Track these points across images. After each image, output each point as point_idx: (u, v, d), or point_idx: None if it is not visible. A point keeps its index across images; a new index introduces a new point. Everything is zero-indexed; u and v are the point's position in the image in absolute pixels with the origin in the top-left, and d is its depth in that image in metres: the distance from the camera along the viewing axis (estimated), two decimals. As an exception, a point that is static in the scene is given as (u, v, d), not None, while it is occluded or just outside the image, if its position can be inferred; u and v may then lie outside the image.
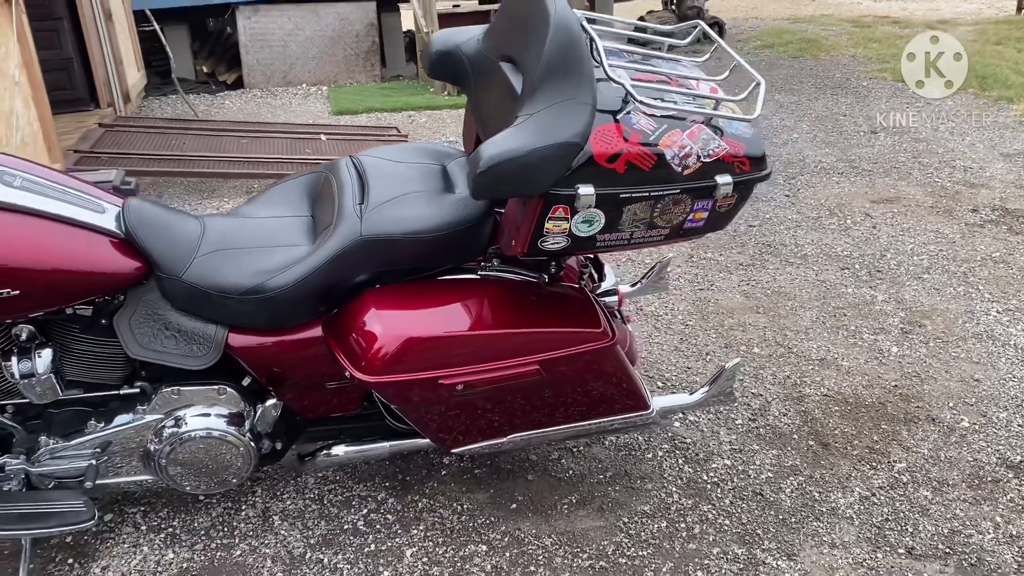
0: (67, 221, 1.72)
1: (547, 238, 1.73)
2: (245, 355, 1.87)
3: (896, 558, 2.03)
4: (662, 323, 3.12)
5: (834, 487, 2.27)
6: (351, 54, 7.32)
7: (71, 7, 5.22)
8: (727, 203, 1.83)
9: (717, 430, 2.49)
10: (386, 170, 2.02)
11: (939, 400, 2.65)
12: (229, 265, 1.82)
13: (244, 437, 1.92)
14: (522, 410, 1.97)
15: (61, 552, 2.02)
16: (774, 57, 8.17)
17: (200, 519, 2.13)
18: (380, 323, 1.81)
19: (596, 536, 2.08)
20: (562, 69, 1.67)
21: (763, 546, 2.06)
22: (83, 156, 4.38)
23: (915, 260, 3.67)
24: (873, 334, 3.05)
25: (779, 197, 4.47)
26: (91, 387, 1.90)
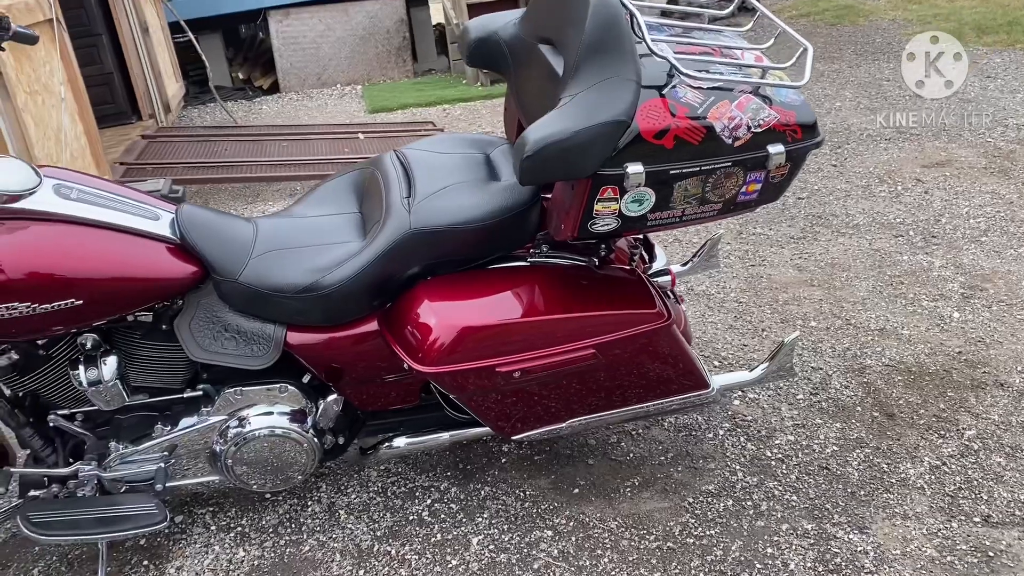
0: (124, 230, 1.75)
1: (597, 220, 1.71)
2: (304, 352, 1.89)
3: (972, 527, 1.98)
4: (715, 301, 3.08)
5: (903, 458, 2.22)
6: (383, 51, 7.35)
7: (109, 23, 5.32)
8: (780, 173, 1.79)
9: (778, 406, 2.45)
10: (430, 162, 2.02)
11: (1006, 364, 2.57)
12: (284, 265, 1.84)
13: (307, 433, 1.94)
14: (580, 395, 1.96)
15: (136, 554, 2.07)
16: (811, 25, 7.99)
17: (268, 517, 2.16)
18: (434, 314, 1.81)
19: (661, 517, 2.07)
20: (603, 47, 1.65)
21: (833, 520, 2.03)
22: (129, 168, 4.46)
23: (971, 223, 3.57)
24: (932, 301, 2.98)
25: (827, 167, 4.38)
26: (156, 392, 1.93)
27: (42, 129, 3.36)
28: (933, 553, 1.91)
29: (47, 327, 1.70)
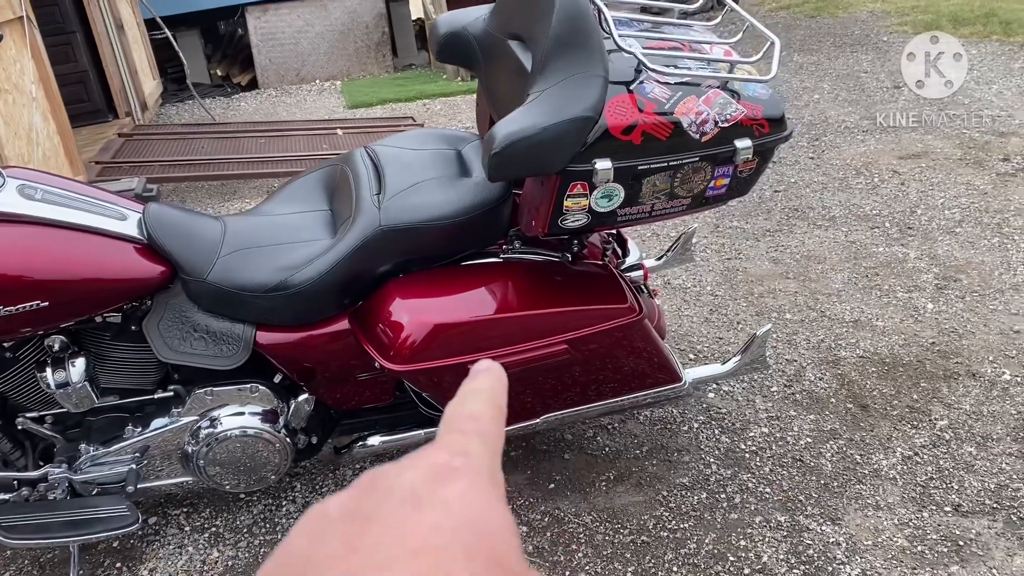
0: (89, 230, 1.74)
1: (567, 216, 1.71)
2: (274, 352, 1.88)
3: (942, 516, 2.00)
4: (691, 295, 3.09)
5: (875, 449, 2.23)
6: (362, 47, 7.31)
7: (83, 20, 5.26)
8: (748, 167, 1.79)
9: (753, 399, 2.47)
10: (401, 158, 2.01)
11: (979, 354, 2.60)
12: (252, 263, 1.83)
13: (279, 433, 1.94)
14: (554, 390, 1.96)
15: (109, 557, 2.05)
16: (791, 18, 8.02)
17: (242, 517, 2.15)
18: (406, 312, 1.81)
19: (636, 511, 2.07)
20: (570, 42, 1.64)
21: (806, 512, 2.04)
22: (104, 167, 4.42)
23: (946, 214, 3.60)
24: (907, 292, 3.00)
25: (804, 160, 4.40)
26: (126, 393, 1.92)
27: (13, 128, 3.32)
28: (904, 543, 1.93)
29: (13, 329, 1.68)
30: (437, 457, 0.30)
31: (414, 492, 0.28)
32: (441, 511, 0.27)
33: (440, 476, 0.29)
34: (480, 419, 0.33)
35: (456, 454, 0.30)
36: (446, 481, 0.29)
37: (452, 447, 0.31)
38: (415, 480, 0.29)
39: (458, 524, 0.27)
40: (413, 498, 0.28)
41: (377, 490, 0.29)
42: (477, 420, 0.33)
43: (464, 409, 0.34)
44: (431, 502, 0.28)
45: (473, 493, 0.29)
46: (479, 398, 0.35)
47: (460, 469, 0.30)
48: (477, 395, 0.35)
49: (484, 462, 0.31)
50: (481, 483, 0.29)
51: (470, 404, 0.34)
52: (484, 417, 0.33)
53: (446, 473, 0.29)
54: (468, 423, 0.33)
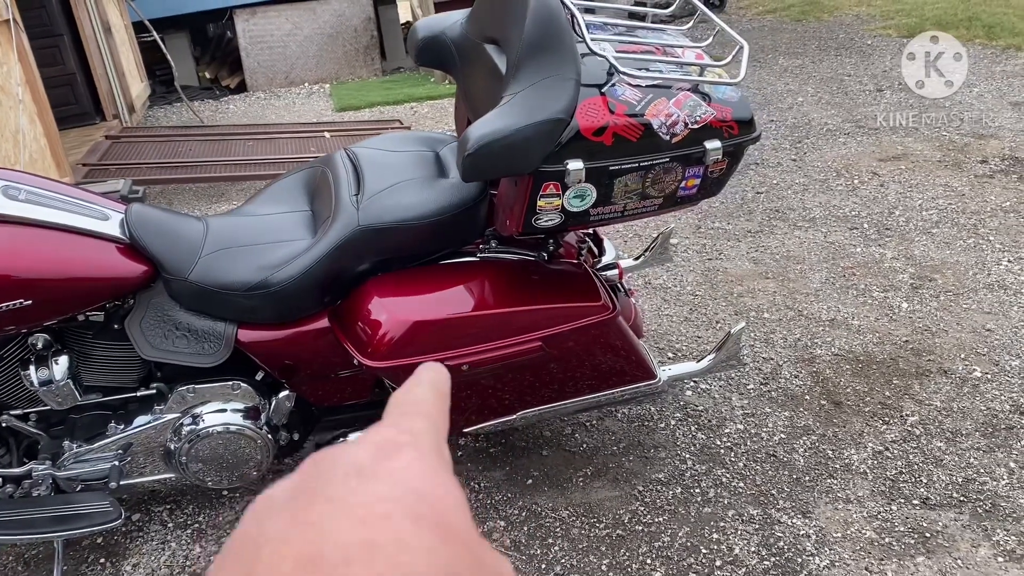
0: (72, 230, 1.77)
1: (540, 215, 1.75)
2: (255, 350, 1.91)
3: (910, 509, 2.04)
4: (671, 295, 3.13)
5: (847, 444, 2.28)
6: (350, 50, 7.34)
7: (70, 23, 5.28)
8: (719, 168, 1.84)
9: (729, 396, 2.51)
10: (380, 160, 2.05)
11: (951, 352, 2.65)
12: (233, 263, 1.86)
13: (261, 430, 1.97)
14: (530, 386, 1.99)
15: (93, 552, 2.08)
16: (776, 22, 8.09)
17: (225, 513, 2.18)
18: (384, 309, 1.84)
19: (612, 506, 2.11)
20: (543, 46, 1.69)
21: (778, 505, 2.08)
22: (91, 169, 4.44)
23: (924, 215, 3.65)
24: (883, 291, 3.05)
25: (786, 161, 4.45)
26: (109, 391, 1.95)
27: (-1, 131, 3.34)
28: (872, 535, 1.98)
29: (-4, 328, 1.71)
30: (382, 434, 0.31)
31: (359, 466, 0.28)
32: (387, 482, 0.28)
33: (386, 450, 0.29)
34: (424, 403, 0.34)
35: (402, 431, 0.31)
36: (392, 455, 0.29)
37: (397, 425, 0.32)
38: (360, 455, 0.29)
39: (404, 492, 0.27)
40: (358, 472, 0.28)
41: (321, 469, 0.29)
42: (421, 404, 0.34)
43: (409, 395, 0.35)
44: (376, 474, 0.28)
45: (419, 464, 0.29)
46: (423, 386, 0.36)
47: (405, 443, 0.30)
48: (421, 384, 0.36)
49: (429, 438, 0.31)
50: (427, 455, 0.30)
51: (414, 391, 0.35)
52: (428, 401, 0.34)
53: (392, 447, 0.30)
54: (412, 406, 0.34)
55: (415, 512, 0.26)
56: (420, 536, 0.26)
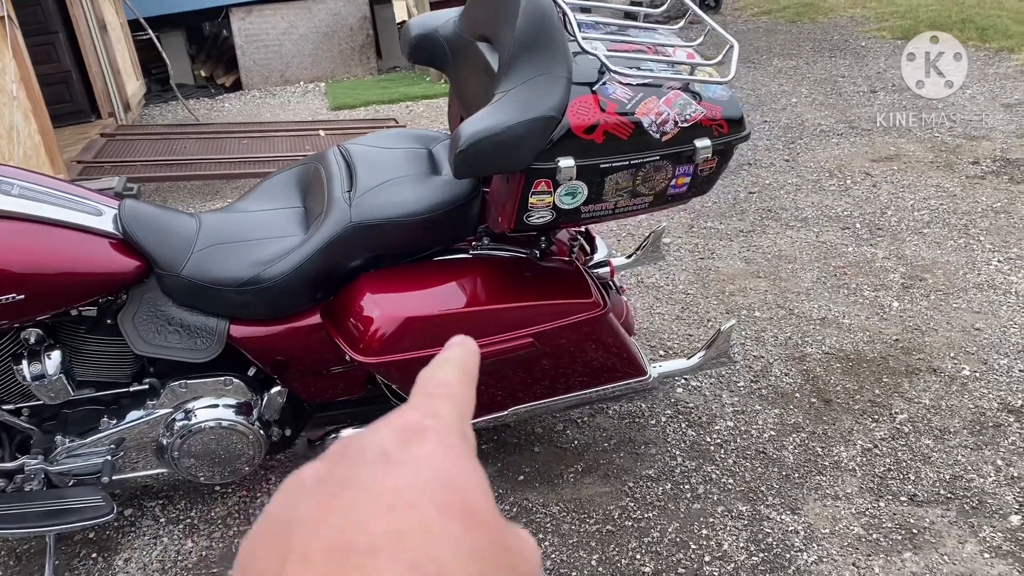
0: (65, 225, 1.77)
1: (532, 213, 1.76)
2: (247, 345, 1.92)
3: (898, 505, 2.06)
4: (663, 293, 3.15)
5: (836, 441, 2.29)
6: (346, 49, 7.35)
7: (66, 20, 5.28)
8: (708, 167, 1.85)
9: (720, 393, 2.53)
10: (373, 157, 2.06)
11: (940, 351, 2.67)
12: (226, 258, 1.87)
13: (253, 425, 1.98)
14: (522, 383, 2.01)
15: (85, 547, 2.09)
16: (771, 23, 8.11)
17: (217, 509, 2.19)
18: (375, 305, 1.85)
19: (602, 502, 2.13)
20: (535, 44, 1.70)
21: (767, 502, 2.10)
22: (86, 166, 4.44)
23: (916, 215, 3.67)
24: (874, 291, 3.07)
25: (779, 162, 4.47)
26: (101, 386, 1.96)
27: (-6, 127, 3.35)
28: (860, 531, 1.99)
29: (-11, 322, 1.72)
30: (407, 418, 0.31)
31: (385, 452, 0.29)
32: (412, 469, 0.28)
33: (410, 435, 0.30)
34: (450, 384, 0.34)
35: (426, 415, 0.31)
36: (416, 440, 0.29)
37: (422, 408, 0.32)
38: (385, 441, 0.29)
39: (429, 480, 0.28)
40: (384, 458, 0.28)
41: (349, 454, 0.29)
42: (447, 385, 0.34)
43: (435, 375, 0.35)
44: (401, 461, 0.28)
45: (443, 450, 0.29)
46: (450, 365, 0.36)
47: (430, 428, 0.30)
48: (448, 363, 0.36)
49: (453, 421, 0.32)
50: (450, 440, 0.30)
51: (441, 371, 0.35)
52: (454, 382, 0.34)
53: (416, 432, 0.30)
54: (438, 387, 0.34)
55: (440, 500, 0.27)
56: (445, 524, 0.26)
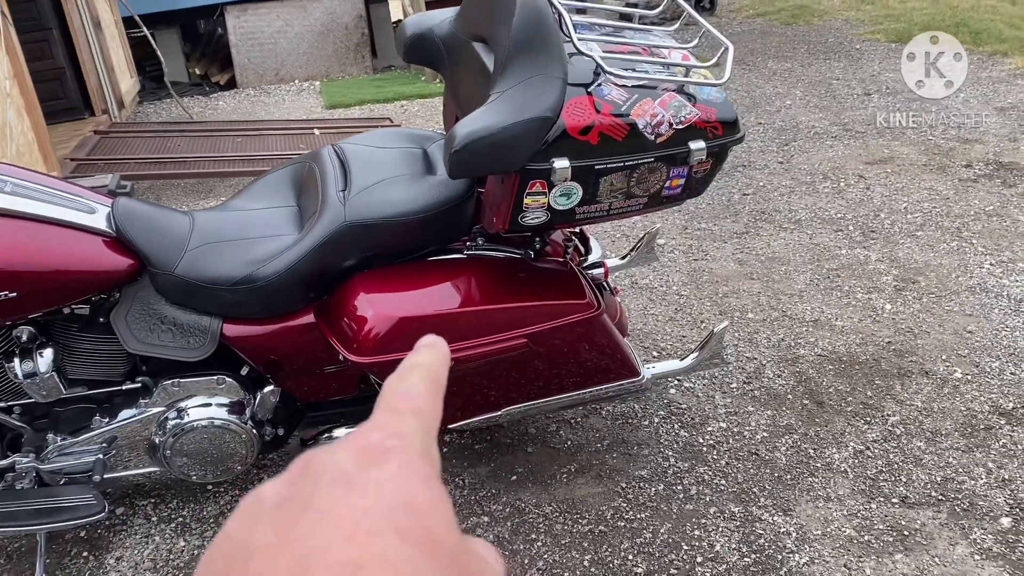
0: (58, 223, 1.77)
1: (527, 213, 1.76)
2: (240, 344, 1.92)
3: (890, 507, 2.07)
4: (657, 295, 3.15)
5: (829, 443, 2.30)
6: (341, 47, 7.34)
7: (60, 17, 5.26)
8: (703, 168, 1.85)
9: (712, 395, 2.53)
10: (367, 156, 2.05)
11: (932, 353, 2.68)
12: (219, 257, 1.87)
13: (246, 425, 1.97)
14: (516, 383, 2.01)
15: (76, 546, 2.08)
16: (767, 25, 8.12)
17: (209, 508, 2.19)
18: (370, 305, 1.85)
19: (595, 502, 2.13)
20: (530, 45, 1.70)
21: (759, 503, 2.10)
22: (80, 164, 4.43)
23: (909, 218, 3.69)
24: (867, 293, 3.08)
25: (773, 164, 4.48)
26: (94, 384, 1.95)
27: (-14, 124, 3.33)
28: (852, 533, 2.00)
29: (-20, 320, 1.71)
30: (370, 438, 0.30)
31: (346, 474, 0.28)
32: (372, 493, 0.27)
33: (372, 457, 0.29)
34: (416, 397, 0.33)
35: (389, 435, 0.30)
36: (378, 462, 0.29)
37: (386, 427, 0.31)
38: (347, 462, 0.29)
39: (390, 506, 0.27)
40: (345, 481, 0.28)
41: (310, 473, 0.29)
42: (413, 398, 0.33)
43: (401, 386, 0.34)
44: (362, 484, 0.28)
45: (405, 473, 0.29)
46: (418, 374, 0.34)
47: (392, 449, 0.30)
48: (416, 371, 0.35)
49: (417, 441, 0.31)
50: (413, 462, 0.29)
51: (407, 381, 0.34)
52: (420, 395, 0.33)
53: (378, 454, 0.29)
54: (404, 401, 0.33)
55: (401, 527, 0.26)
56: (406, 552, 0.26)
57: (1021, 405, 2.40)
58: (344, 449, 0.30)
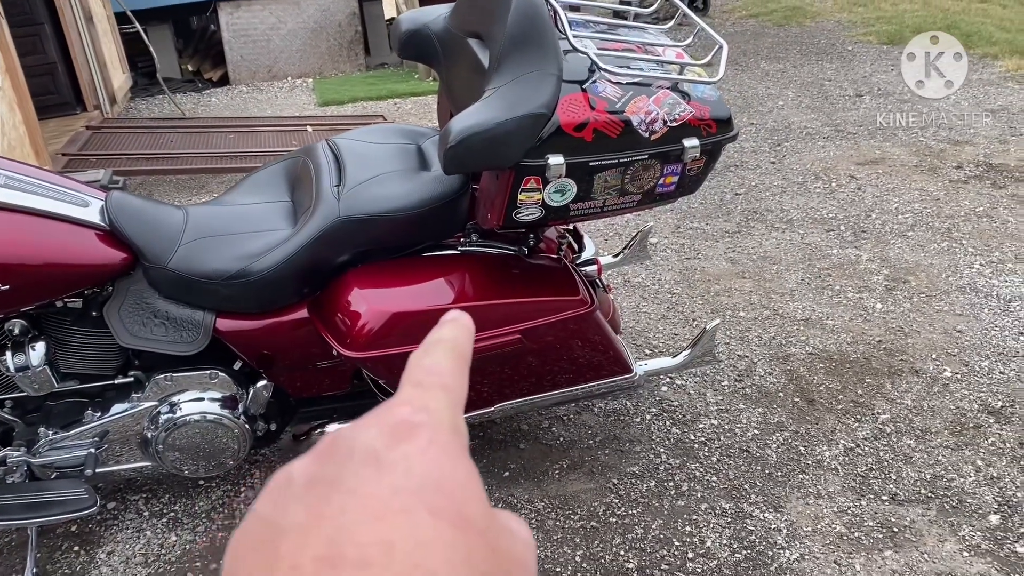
0: (52, 216, 1.76)
1: (521, 209, 1.77)
2: (233, 339, 1.91)
3: (880, 504, 2.08)
4: (649, 293, 3.16)
5: (819, 440, 2.32)
6: (334, 45, 7.33)
7: (52, 12, 5.23)
8: (696, 166, 1.86)
9: (704, 392, 2.54)
10: (362, 151, 2.06)
11: (922, 352, 2.69)
12: (213, 252, 1.87)
13: (238, 419, 1.97)
14: (509, 379, 2.01)
15: (67, 540, 2.08)
16: (759, 26, 8.15)
17: (201, 503, 2.19)
18: (363, 300, 1.86)
19: (587, 498, 2.14)
20: (525, 41, 1.70)
21: (750, 500, 2.12)
22: (71, 159, 4.41)
23: (900, 219, 3.71)
24: (858, 292, 3.10)
25: (765, 164, 4.50)
26: (86, 378, 1.95)
27: (-22, 118, 3.32)
28: (842, 529, 2.01)
29: (-27, 312, 1.70)
30: (397, 414, 0.30)
31: (374, 452, 0.28)
32: (402, 470, 0.27)
33: (400, 433, 0.29)
34: (442, 372, 0.33)
35: (417, 410, 0.30)
36: (406, 438, 0.28)
37: (412, 402, 0.30)
38: (375, 440, 0.28)
39: (420, 483, 0.27)
40: (374, 459, 0.28)
41: (338, 453, 0.29)
42: (439, 373, 0.32)
43: (426, 361, 0.33)
44: (392, 462, 0.27)
45: (434, 449, 0.28)
46: (442, 349, 0.34)
47: (420, 425, 0.29)
48: (440, 346, 0.34)
49: (445, 416, 0.30)
50: (442, 438, 0.29)
51: (432, 356, 0.33)
52: (446, 370, 0.33)
53: (406, 430, 0.29)
54: (429, 376, 0.32)
55: (432, 504, 0.26)
56: (437, 530, 0.26)
57: (1010, 404, 2.42)
58: (372, 426, 0.29)
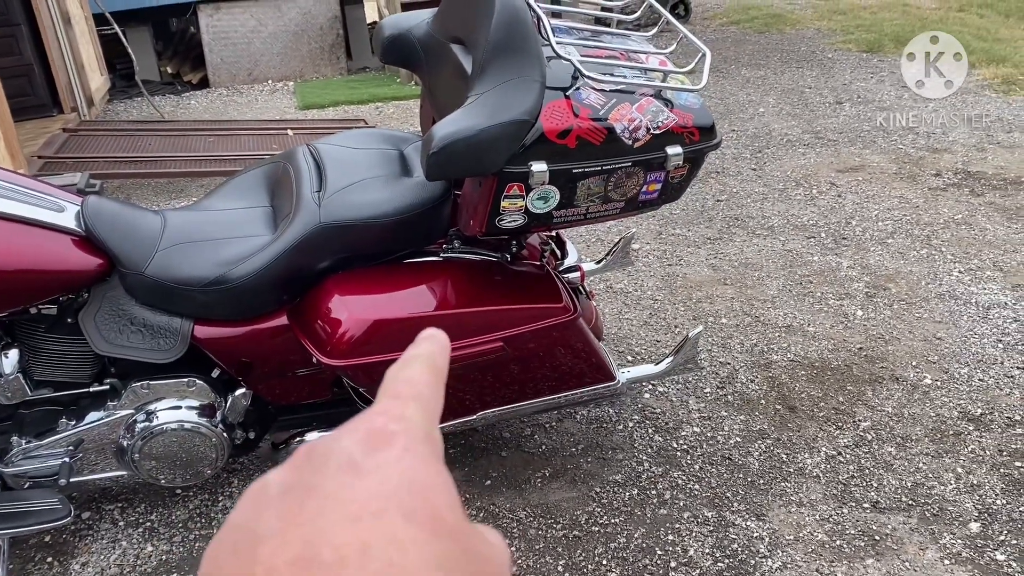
0: (26, 221, 1.73)
1: (504, 216, 1.76)
2: (211, 346, 1.89)
3: (861, 512, 2.08)
4: (631, 299, 3.16)
5: (801, 448, 2.32)
6: (316, 48, 7.29)
7: (28, 13, 5.16)
8: (679, 174, 1.86)
9: (686, 399, 2.54)
10: (343, 157, 2.04)
11: (903, 360, 2.71)
12: (191, 258, 1.84)
13: (216, 428, 1.94)
14: (491, 387, 2.00)
15: (40, 551, 2.04)
16: (740, 33, 8.20)
17: (178, 512, 2.15)
18: (344, 308, 1.84)
19: (569, 507, 2.12)
20: (509, 48, 1.70)
21: (732, 508, 2.11)
22: (48, 162, 4.35)
23: (879, 226, 3.73)
24: (838, 299, 3.11)
25: (746, 171, 4.51)
26: (60, 386, 1.91)
27: (-49, 119, 3.26)
28: (823, 538, 2.01)
29: (-57, 319, 1.67)
30: (373, 423, 0.30)
31: (351, 459, 0.28)
32: (378, 477, 0.28)
33: (376, 441, 0.29)
34: (418, 383, 0.33)
35: (393, 419, 0.31)
36: (382, 446, 0.29)
37: (389, 412, 0.31)
38: (351, 447, 0.29)
39: (395, 488, 0.27)
40: (350, 465, 0.28)
41: (314, 461, 0.29)
42: (415, 384, 0.33)
43: (403, 374, 0.34)
44: (367, 468, 0.28)
45: (409, 457, 0.29)
46: (419, 363, 0.35)
47: (396, 433, 0.30)
48: (417, 360, 0.35)
49: (420, 425, 0.31)
50: (417, 446, 0.30)
51: (409, 369, 0.34)
52: (422, 382, 0.33)
53: (382, 438, 0.29)
54: (405, 387, 0.33)
55: (407, 507, 0.27)
56: (412, 533, 0.26)
57: (989, 411, 2.43)
58: (349, 435, 0.30)
